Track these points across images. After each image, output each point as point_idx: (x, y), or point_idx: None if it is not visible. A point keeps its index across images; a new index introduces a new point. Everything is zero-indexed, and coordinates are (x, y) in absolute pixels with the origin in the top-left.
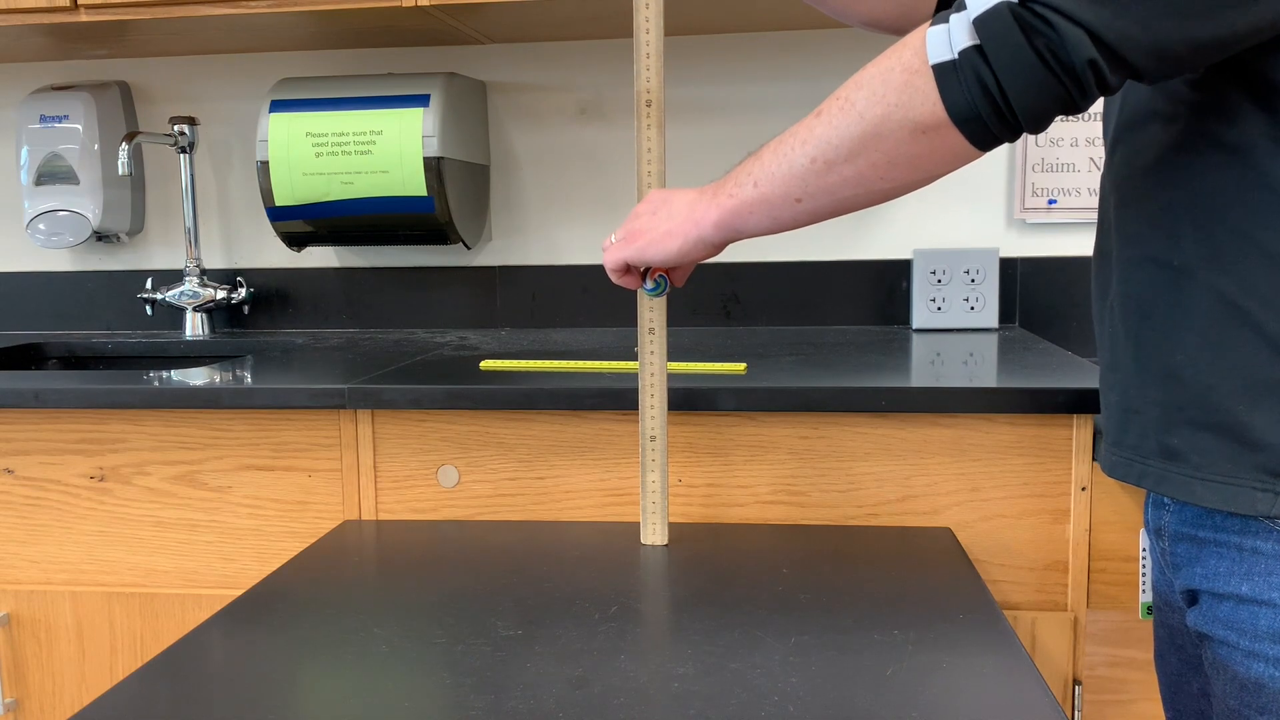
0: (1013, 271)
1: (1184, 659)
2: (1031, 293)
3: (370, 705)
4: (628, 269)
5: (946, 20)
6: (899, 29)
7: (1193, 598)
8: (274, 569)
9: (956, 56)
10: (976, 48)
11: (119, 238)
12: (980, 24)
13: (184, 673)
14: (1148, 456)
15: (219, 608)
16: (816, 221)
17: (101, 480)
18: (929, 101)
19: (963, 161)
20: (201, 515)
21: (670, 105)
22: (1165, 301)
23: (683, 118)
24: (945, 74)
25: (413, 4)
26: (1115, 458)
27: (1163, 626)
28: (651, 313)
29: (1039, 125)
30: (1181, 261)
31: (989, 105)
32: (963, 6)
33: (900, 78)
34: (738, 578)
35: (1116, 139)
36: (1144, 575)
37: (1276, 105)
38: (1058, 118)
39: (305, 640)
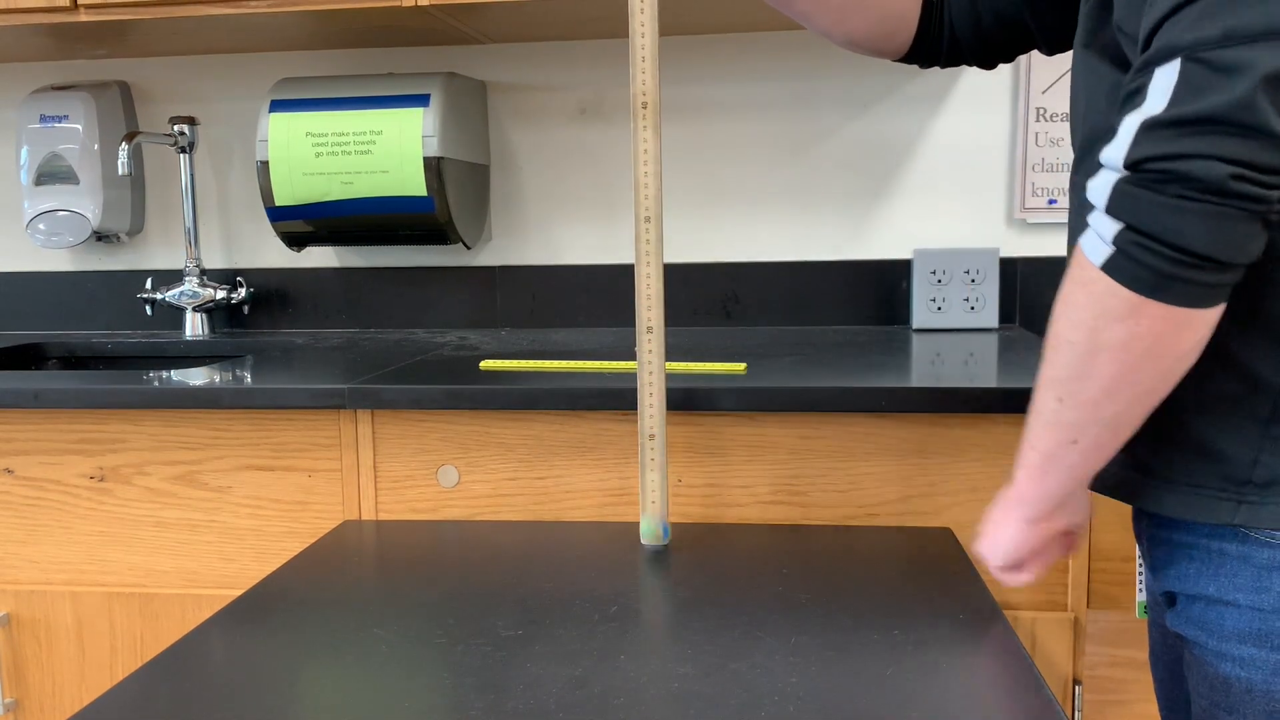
0: (1013, 271)
1: (1175, 657)
2: (1032, 293)
3: (370, 705)
4: (1020, 565)
5: (1086, 225)
6: (881, 50)
7: (1171, 599)
8: (274, 569)
9: (1114, 247)
10: (1123, 229)
11: (119, 238)
12: (1114, 211)
13: (184, 673)
14: (1124, 469)
15: (219, 608)
16: (1111, 448)
17: (101, 480)
18: (1119, 296)
19: (1198, 324)
20: (201, 515)
21: (667, 105)
22: None
23: (681, 118)
24: (1115, 266)
25: (413, 4)
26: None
27: (1155, 625)
28: (650, 311)
29: (1245, 252)
30: None
31: (1176, 265)
32: (1090, 207)
33: (1081, 294)
34: (738, 578)
35: (1080, 155)
36: (1140, 575)
37: None
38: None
39: (305, 640)
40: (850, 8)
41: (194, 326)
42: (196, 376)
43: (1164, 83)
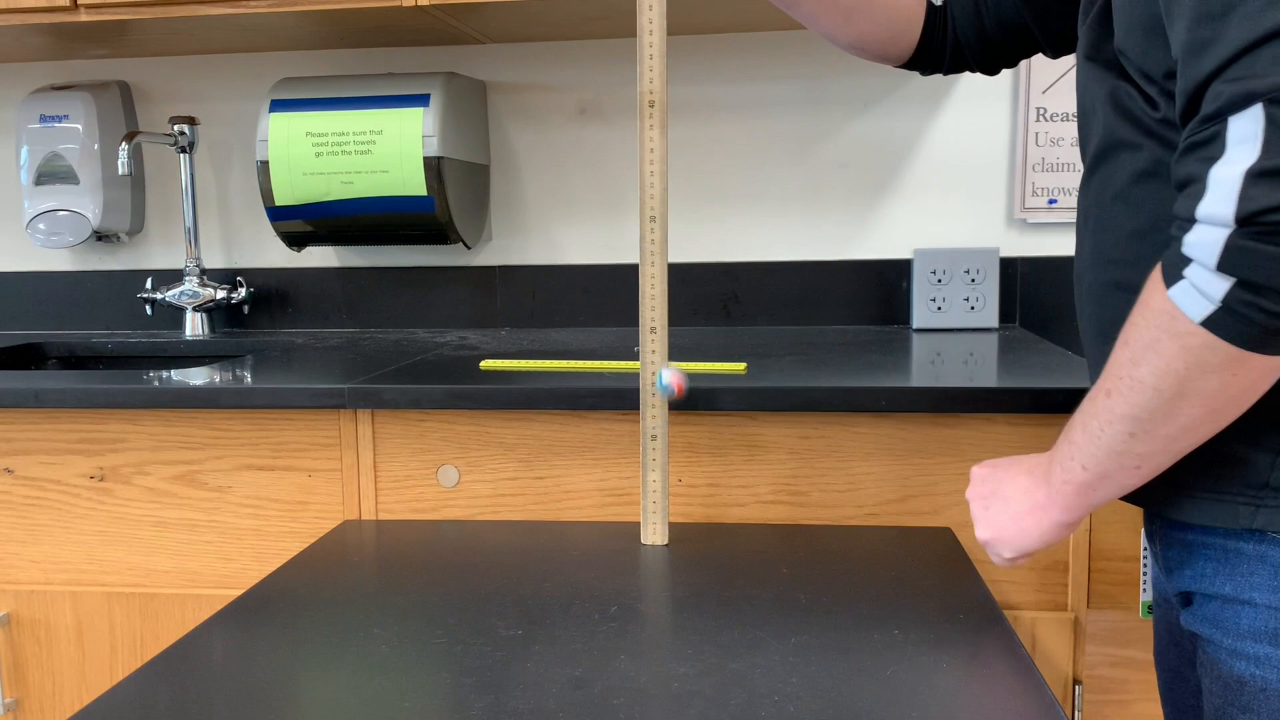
0: (1013, 271)
1: (1182, 656)
2: (1032, 293)
3: (370, 705)
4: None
5: (1179, 277)
6: (885, 55)
7: (1187, 599)
8: (274, 569)
9: (1221, 305)
10: (1238, 284)
11: (119, 237)
12: (1229, 263)
13: (184, 673)
14: None
15: (219, 608)
16: (1161, 470)
17: (101, 480)
18: (1219, 351)
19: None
20: (201, 515)
21: (671, 105)
22: None
23: (680, 117)
24: (1221, 324)
25: (413, 4)
26: None
27: (1163, 623)
28: (653, 311)
29: None
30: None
31: None
32: (1185, 260)
33: (1173, 346)
34: (738, 578)
35: (1091, 166)
36: (1145, 575)
37: None
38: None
39: (305, 640)
40: (856, 10)
41: (194, 326)
42: (196, 376)
43: (1247, 131)
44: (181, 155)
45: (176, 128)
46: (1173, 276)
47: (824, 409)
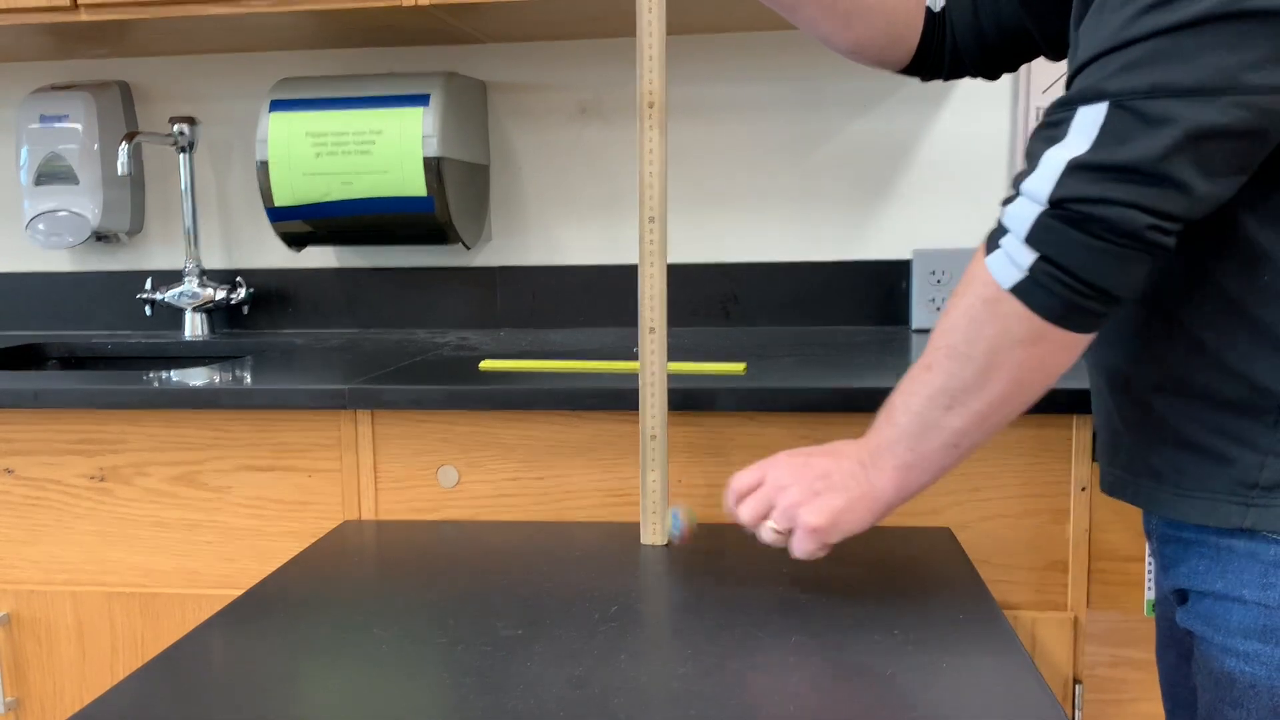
0: None
1: (1181, 653)
2: None
3: (370, 705)
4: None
5: (997, 246)
6: (884, 59)
7: (1183, 597)
8: (274, 569)
9: (1027, 274)
10: (1041, 258)
11: (119, 238)
12: (1035, 240)
13: (184, 673)
14: (1138, 475)
15: (219, 608)
16: (976, 450)
17: (101, 480)
18: (1023, 318)
19: (1081, 347)
20: (201, 515)
21: (670, 105)
22: (1130, 332)
23: (680, 117)
24: (1027, 291)
25: (413, 4)
26: (1110, 477)
27: (1163, 621)
28: (652, 312)
29: (1138, 290)
30: (1144, 295)
31: (1083, 297)
32: (1002, 230)
33: (984, 310)
34: (738, 578)
35: None
36: (1150, 573)
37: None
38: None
39: (305, 640)
40: (854, 16)
41: (194, 327)
42: (196, 377)
43: (1088, 123)
44: (181, 155)
45: (176, 128)
46: (991, 245)
47: (824, 409)
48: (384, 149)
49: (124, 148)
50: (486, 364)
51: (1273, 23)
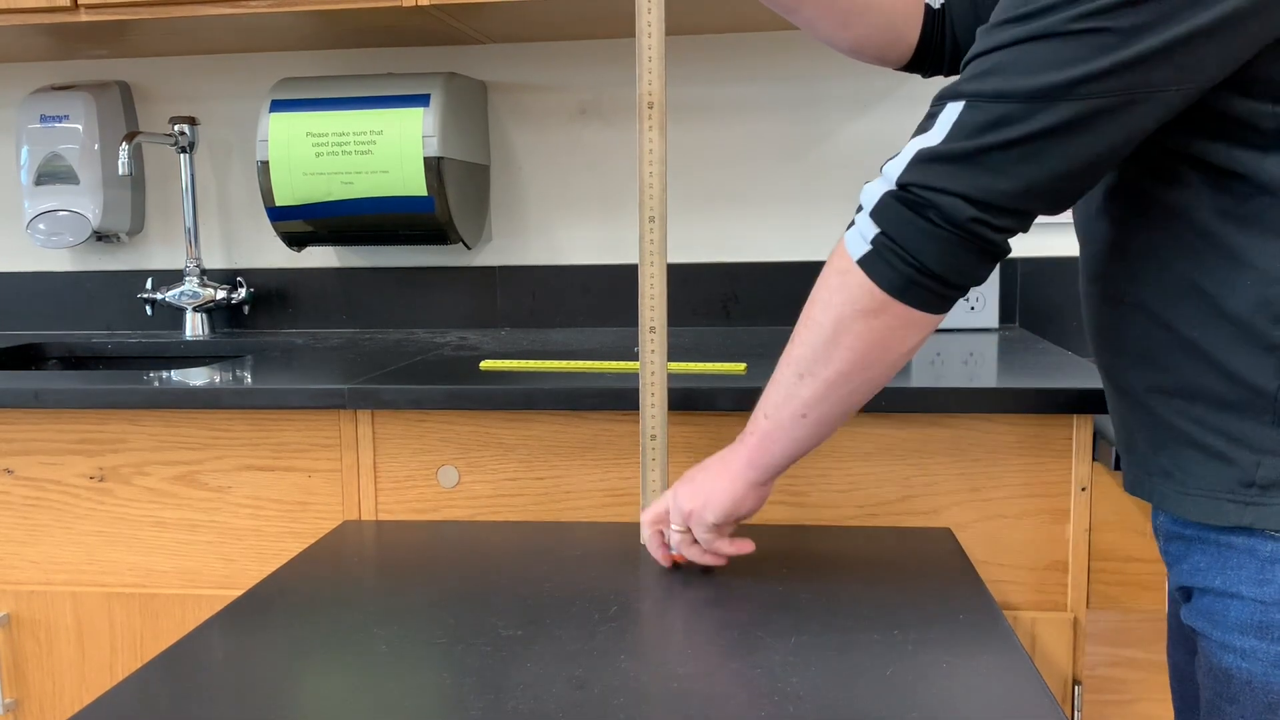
0: (1013, 271)
1: (1189, 650)
2: (1032, 293)
3: (370, 705)
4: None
5: (853, 222)
6: (883, 58)
7: (1186, 594)
8: (274, 569)
9: (871, 246)
10: (881, 233)
11: (119, 238)
12: (877, 216)
13: (184, 673)
14: (1151, 474)
15: (219, 608)
16: (833, 426)
17: (101, 480)
18: (866, 289)
19: (925, 327)
20: (201, 515)
21: (670, 105)
22: (1126, 337)
23: (680, 118)
24: (870, 263)
25: (413, 4)
26: (1130, 475)
27: (1172, 618)
28: (652, 311)
29: (973, 279)
30: (1136, 299)
31: (918, 274)
32: (859, 207)
33: (836, 280)
34: (738, 578)
35: None
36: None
37: (1213, 179)
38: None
39: (305, 640)
40: (854, 14)
41: (194, 327)
42: (196, 376)
43: (947, 119)
44: (181, 155)
45: (176, 128)
46: (851, 222)
47: None
48: (384, 149)
49: (124, 148)
50: (487, 364)
51: (1104, 35)
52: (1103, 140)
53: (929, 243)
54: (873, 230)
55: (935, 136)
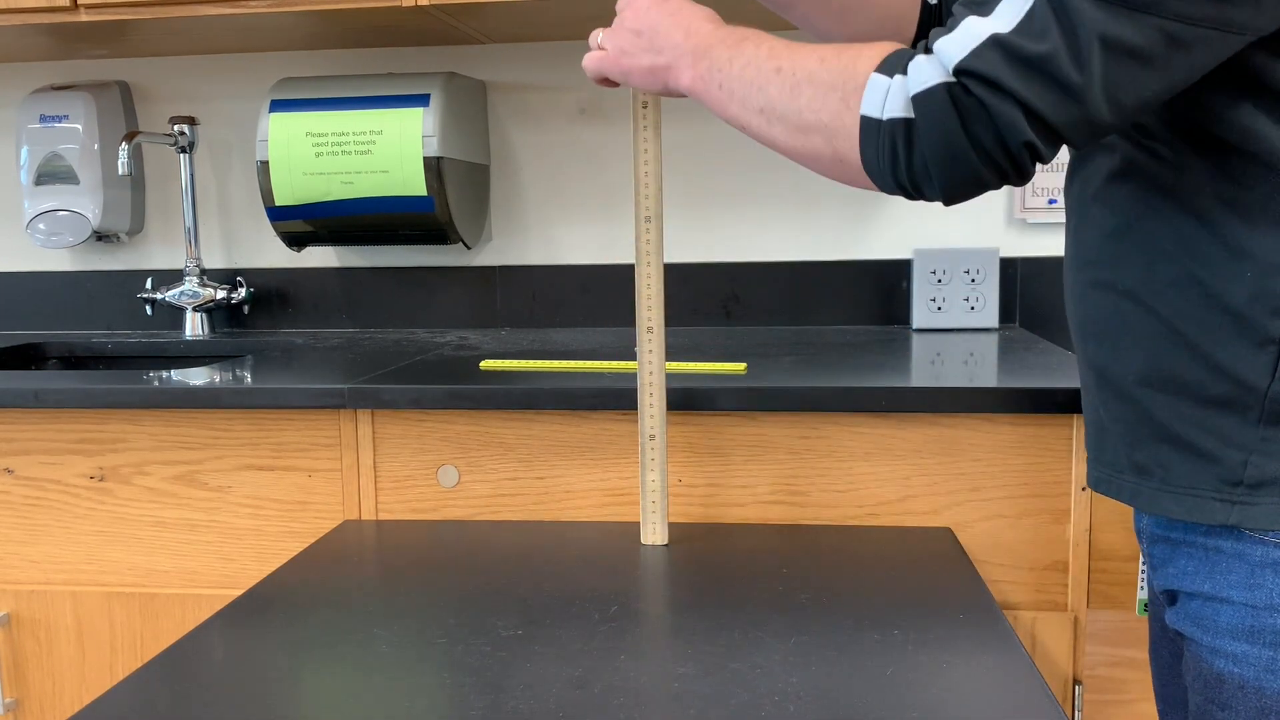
0: (1013, 271)
1: (1174, 652)
2: (1031, 292)
3: (370, 705)
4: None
5: (891, 75)
6: None
7: (1172, 597)
8: (274, 569)
9: (884, 120)
10: (906, 122)
11: (119, 238)
12: (918, 101)
13: (184, 673)
14: (1122, 471)
15: (219, 608)
16: (730, 114)
17: (101, 480)
18: (849, 142)
19: (876, 190)
20: (201, 515)
21: (666, 104)
22: (1114, 325)
23: (683, 118)
24: (869, 130)
25: (413, 4)
26: (1096, 473)
27: (1156, 620)
28: (650, 311)
29: (951, 200)
30: (1126, 287)
31: (905, 174)
32: (904, 70)
33: (835, 105)
34: (738, 578)
35: (1072, 168)
36: (1143, 573)
37: (1219, 161)
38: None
39: (305, 640)
40: (849, 11)
41: (194, 326)
42: (196, 376)
43: (1016, 5)
44: (181, 155)
45: (176, 128)
46: (888, 68)
47: (824, 409)
48: (384, 149)
49: (124, 148)
50: (486, 363)
51: None
52: (1182, 70)
53: (956, 159)
54: (899, 111)
55: (1004, 22)
